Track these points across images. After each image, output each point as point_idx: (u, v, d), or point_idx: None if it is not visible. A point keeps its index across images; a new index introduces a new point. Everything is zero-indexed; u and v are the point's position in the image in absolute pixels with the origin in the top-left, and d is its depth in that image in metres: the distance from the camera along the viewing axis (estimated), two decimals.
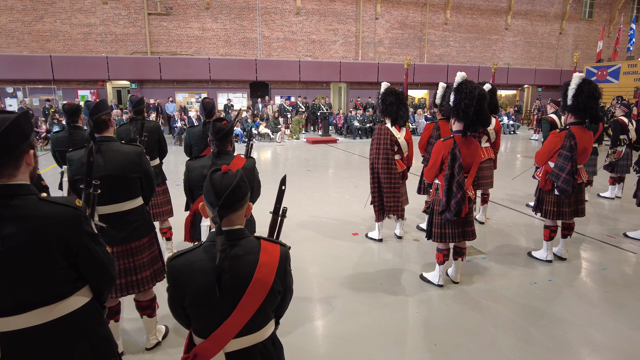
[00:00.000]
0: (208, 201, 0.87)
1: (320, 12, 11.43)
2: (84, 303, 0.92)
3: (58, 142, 2.37)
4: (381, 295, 2.31)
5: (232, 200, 0.85)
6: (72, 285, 0.90)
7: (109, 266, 0.96)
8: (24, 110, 0.90)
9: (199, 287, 0.84)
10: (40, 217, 0.83)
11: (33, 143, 0.88)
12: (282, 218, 1.14)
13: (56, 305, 0.87)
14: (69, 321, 0.88)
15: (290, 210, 3.98)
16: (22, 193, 0.84)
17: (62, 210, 0.86)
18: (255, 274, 0.86)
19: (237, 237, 0.89)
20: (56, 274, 0.85)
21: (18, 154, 0.84)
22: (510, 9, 13.05)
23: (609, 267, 2.71)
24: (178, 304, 0.89)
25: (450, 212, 2.19)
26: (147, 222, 1.70)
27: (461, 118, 2.16)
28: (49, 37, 9.57)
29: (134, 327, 1.97)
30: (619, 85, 10.97)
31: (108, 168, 1.53)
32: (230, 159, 1.66)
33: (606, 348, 1.84)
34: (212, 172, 0.89)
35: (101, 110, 1.60)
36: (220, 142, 1.64)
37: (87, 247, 0.90)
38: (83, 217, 0.89)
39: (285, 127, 10.05)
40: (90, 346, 0.92)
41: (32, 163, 0.88)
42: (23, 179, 0.86)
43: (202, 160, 1.71)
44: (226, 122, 1.68)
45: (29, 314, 0.84)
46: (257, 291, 0.86)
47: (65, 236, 0.85)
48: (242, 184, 0.88)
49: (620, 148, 4.18)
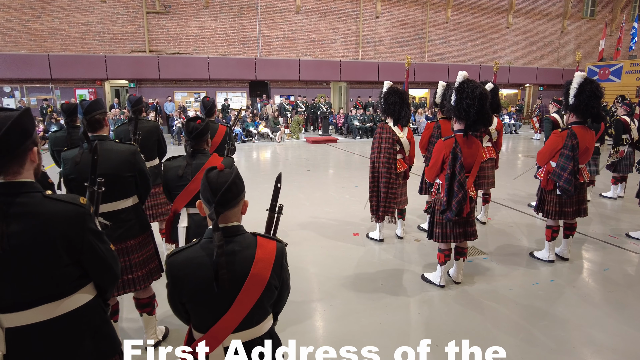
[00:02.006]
0: (205, 198, 0.89)
1: (320, 10, 11.39)
2: (88, 300, 0.93)
3: (57, 142, 2.35)
4: (382, 296, 2.30)
5: (228, 197, 0.87)
6: (77, 282, 0.90)
7: (112, 263, 0.97)
8: (25, 108, 0.89)
9: (197, 282, 0.86)
10: (45, 214, 0.84)
11: (36, 140, 0.89)
12: (278, 215, 1.15)
13: (61, 302, 0.87)
14: (73, 318, 0.89)
15: (290, 211, 3.98)
16: (27, 191, 0.84)
17: (67, 208, 0.87)
18: (252, 269, 0.88)
19: (233, 234, 0.90)
20: (61, 271, 0.86)
21: (22, 151, 0.84)
22: (512, 8, 13.01)
23: (612, 268, 2.70)
24: (177, 300, 0.90)
25: (451, 212, 2.18)
26: (141, 220, 1.70)
27: (462, 118, 2.14)
28: (46, 35, 9.53)
29: (133, 327, 1.96)
30: (621, 85, 10.95)
31: (101, 167, 1.52)
32: (206, 159, 1.66)
33: (608, 349, 1.83)
34: (208, 170, 0.90)
35: (95, 110, 1.59)
36: (194, 142, 1.65)
37: (91, 244, 0.91)
38: (87, 215, 0.90)
39: (285, 126, 10.03)
40: (94, 343, 0.92)
41: (36, 160, 0.88)
42: (28, 177, 0.86)
43: (178, 161, 1.72)
44: (200, 121, 1.68)
45: (34, 310, 0.84)
46: (254, 286, 0.88)
47: (70, 233, 0.86)
48: (238, 182, 0.90)
49: (622, 147, 4.17)
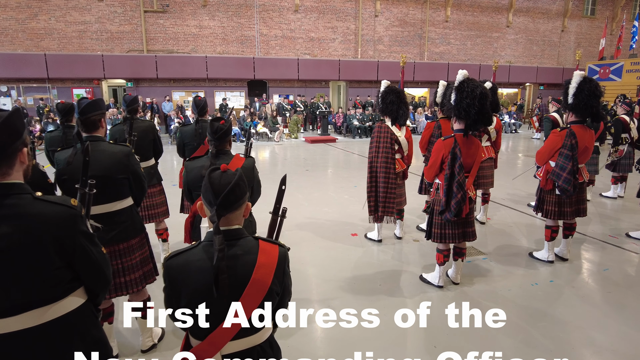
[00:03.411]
0: (206, 200, 0.86)
1: (319, 9, 11.34)
2: (78, 305, 0.91)
3: (52, 142, 2.33)
4: (380, 297, 2.28)
5: (230, 200, 0.84)
6: (67, 286, 0.88)
7: (104, 267, 0.95)
8: (15, 108, 0.89)
9: (196, 287, 0.84)
10: (35, 216, 0.82)
11: (26, 141, 0.87)
12: (281, 218, 1.12)
13: (50, 306, 0.85)
14: (63, 323, 0.87)
15: (288, 211, 3.97)
16: (16, 192, 0.82)
17: (58, 210, 0.85)
18: (253, 275, 0.85)
19: (235, 237, 0.87)
20: (51, 274, 0.84)
21: (11, 152, 0.82)
22: (512, 6, 12.97)
23: (611, 268, 2.69)
24: (174, 304, 0.87)
25: (450, 213, 2.16)
26: (136, 223, 1.67)
27: (462, 117, 2.13)
28: (43, 35, 9.46)
29: (128, 329, 1.94)
30: (622, 84, 10.93)
31: (94, 168, 1.49)
32: (229, 159, 1.64)
33: (608, 349, 1.82)
34: (210, 171, 0.87)
35: (92, 111, 1.56)
36: (218, 142, 1.63)
37: (83, 247, 0.89)
38: (78, 217, 0.88)
39: (284, 126, 10.00)
40: (85, 349, 0.90)
41: (25, 161, 0.87)
42: (17, 178, 0.84)
43: (201, 161, 1.69)
44: (224, 121, 1.66)
45: (23, 316, 0.82)
46: (254, 292, 0.85)
47: (61, 236, 0.84)
48: (241, 183, 0.87)
49: (622, 147, 4.15)
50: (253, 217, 1.79)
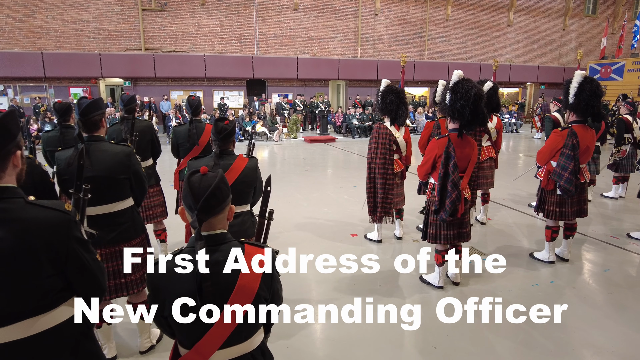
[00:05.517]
0: (186, 205, 0.83)
1: (318, 8, 11.29)
2: (70, 315, 0.87)
3: (49, 142, 2.30)
4: (380, 298, 2.26)
5: (211, 204, 0.81)
6: (59, 295, 0.85)
7: (98, 275, 0.92)
8: (10, 109, 0.86)
9: (180, 295, 0.81)
10: (28, 221, 0.79)
11: (20, 144, 0.84)
12: (268, 221, 1.10)
13: (40, 317, 0.81)
14: (54, 335, 0.83)
15: (287, 211, 3.92)
16: (8, 196, 0.80)
17: (51, 215, 0.82)
18: (239, 281, 0.82)
19: (218, 242, 0.84)
20: (42, 282, 0.81)
21: (4, 155, 0.80)
22: (513, 5, 12.93)
23: (612, 269, 2.67)
24: (159, 313, 0.85)
25: (445, 212, 2.15)
26: (137, 224, 1.66)
27: (457, 118, 2.12)
28: (40, 33, 9.40)
29: (127, 331, 1.93)
30: (623, 83, 10.89)
31: (95, 169, 1.49)
32: (233, 159, 1.64)
33: (609, 351, 1.81)
34: (190, 174, 0.84)
35: (93, 111, 1.54)
36: (222, 142, 1.62)
37: (77, 253, 0.85)
38: (73, 222, 0.85)
39: (283, 125, 9.97)
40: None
41: (19, 164, 0.84)
42: (9, 181, 0.82)
43: (204, 161, 1.67)
44: (228, 121, 1.65)
45: (11, 327, 0.78)
46: (241, 299, 0.82)
47: (54, 242, 0.81)
48: (222, 186, 0.84)
49: (624, 147, 4.13)
50: (255, 217, 1.78)
